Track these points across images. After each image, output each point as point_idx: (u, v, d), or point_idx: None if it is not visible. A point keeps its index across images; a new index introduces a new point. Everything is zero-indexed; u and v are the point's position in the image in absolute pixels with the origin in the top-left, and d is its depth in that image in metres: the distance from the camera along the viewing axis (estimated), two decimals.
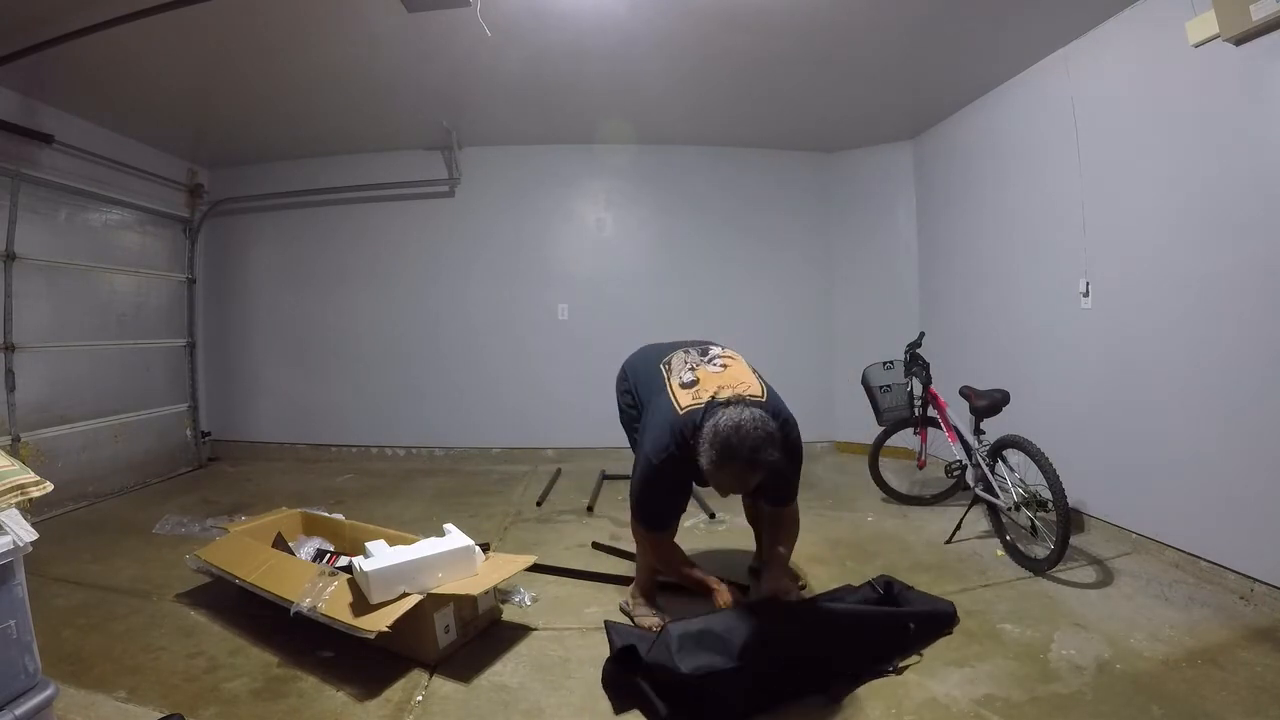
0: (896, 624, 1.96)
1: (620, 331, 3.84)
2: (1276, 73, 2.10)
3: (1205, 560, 2.38)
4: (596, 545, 2.90)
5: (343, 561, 2.31)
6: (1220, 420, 2.33)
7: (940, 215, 4.30)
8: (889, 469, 3.65)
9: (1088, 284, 2.95)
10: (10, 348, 3.38)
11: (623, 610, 2.21)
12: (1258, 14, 2.05)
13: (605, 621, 2.10)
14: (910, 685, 1.76)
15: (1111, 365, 2.83)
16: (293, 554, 2.37)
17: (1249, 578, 2.21)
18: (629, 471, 2.13)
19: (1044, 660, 1.88)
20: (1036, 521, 2.51)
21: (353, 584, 1.94)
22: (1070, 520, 2.42)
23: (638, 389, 2.20)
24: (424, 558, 1.96)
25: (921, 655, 1.89)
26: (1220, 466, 2.33)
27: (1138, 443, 2.69)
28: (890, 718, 1.63)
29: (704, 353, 2.10)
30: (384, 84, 3.59)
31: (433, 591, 1.91)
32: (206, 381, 4.96)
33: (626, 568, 2.58)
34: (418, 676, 1.86)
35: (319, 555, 2.43)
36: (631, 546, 2.35)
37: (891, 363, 3.41)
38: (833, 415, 4.85)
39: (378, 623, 1.78)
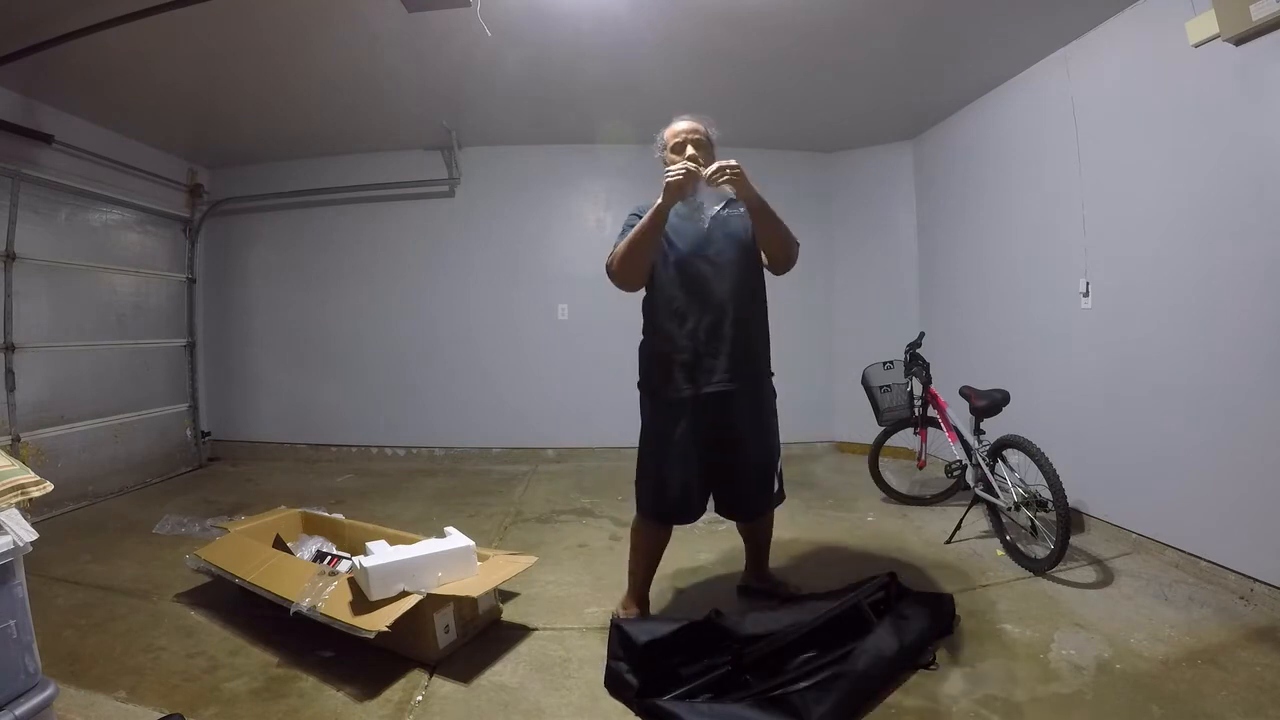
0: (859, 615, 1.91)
1: (620, 331, 3.81)
2: (1276, 73, 2.10)
3: (1205, 560, 2.38)
4: None
5: (343, 564, 2.30)
6: (1220, 420, 2.33)
7: (940, 215, 4.30)
8: (889, 469, 3.65)
9: (1088, 284, 2.95)
10: (10, 348, 3.38)
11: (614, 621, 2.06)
12: (1258, 14, 2.05)
13: (612, 620, 1.92)
14: (910, 685, 1.76)
15: (1111, 365, 2.83)
16: (292, 554, 2.37)
17: (1249, 578, 2.21)
18: None
19: (1044, 660, 1.88)
20: (1036, 521, 2.51)
21: (352, 583, 1.95)
22: (1070, 520, 2.42)
23: None
24: (424, 556, 1.96)
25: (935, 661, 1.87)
26: (1220, 466, 2.33)
27: (1138, 443, 2.69)
28: (890, 718, 1.63)
29: None
30: (384, 84, 3.59)
31: (433, 592, 1.91)
32: (206, 381, 4.95)
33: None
34: (418, 676, 1.86)
35: (319, 555, 2.43)
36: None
37: (891, 363, 3.40)
38: (833, 415, 4.82)
39: (377, 622, 1.78)
